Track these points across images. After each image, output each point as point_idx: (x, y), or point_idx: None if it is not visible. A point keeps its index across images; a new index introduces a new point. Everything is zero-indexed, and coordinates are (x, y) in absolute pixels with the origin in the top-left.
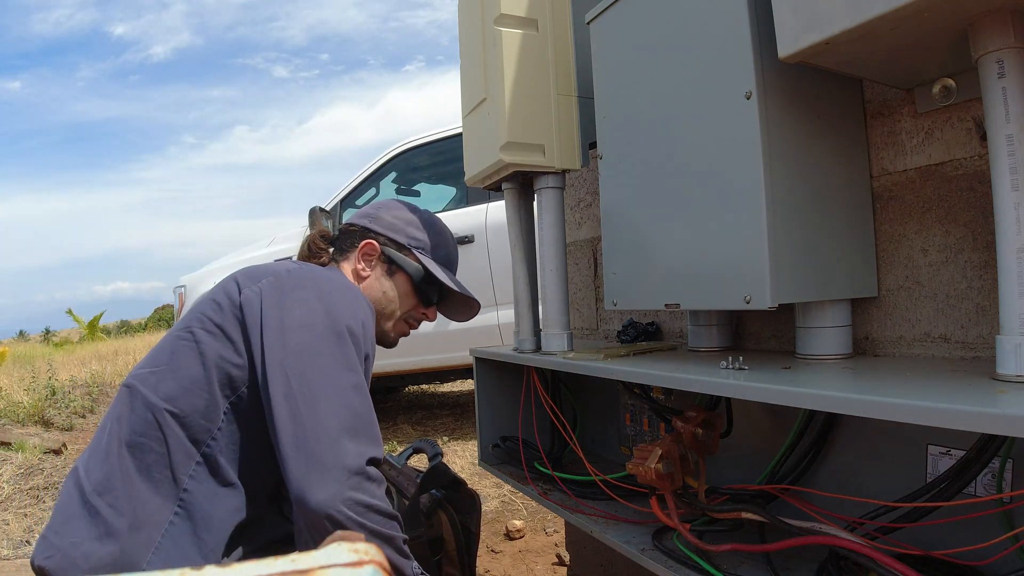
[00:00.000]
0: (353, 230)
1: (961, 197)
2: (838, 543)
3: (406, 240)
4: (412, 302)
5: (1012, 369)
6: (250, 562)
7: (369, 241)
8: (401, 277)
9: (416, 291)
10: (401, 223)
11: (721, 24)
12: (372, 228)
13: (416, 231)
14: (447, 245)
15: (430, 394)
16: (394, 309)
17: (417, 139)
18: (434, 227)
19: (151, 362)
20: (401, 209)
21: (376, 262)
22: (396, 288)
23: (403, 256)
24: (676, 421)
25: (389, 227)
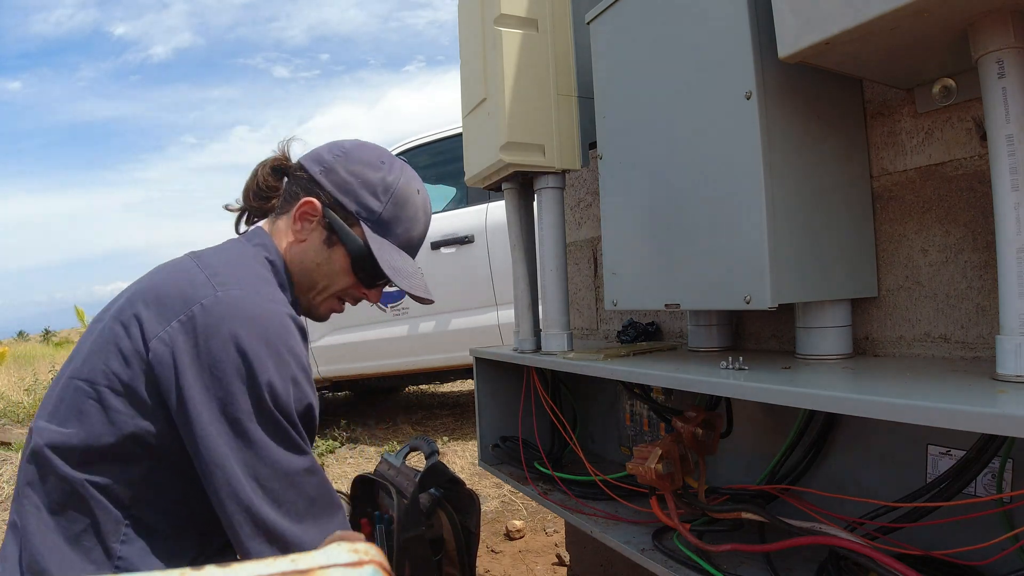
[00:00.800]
0: (301, 176)
1: (961, 197)
2: (838, 543)
3: (355, 207)
4: (349, 281)
5: (1012, 369)
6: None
7: (310, 200)
8: (340, 252)
9: (355, 271)
10: (356, 183)
11: (721, 24)
12: (320, 182)
13: (371, 198)
14: (410, 222)
15: (430, 394)
16: (326, 285)
17: (417, 139)
18: (399, 196)
19: (57, 418)
20: (366, 162)
21: (316, 226)
22: (332, 263)
23: (346, 228)
24: (676, 421)
25: (340, 185)
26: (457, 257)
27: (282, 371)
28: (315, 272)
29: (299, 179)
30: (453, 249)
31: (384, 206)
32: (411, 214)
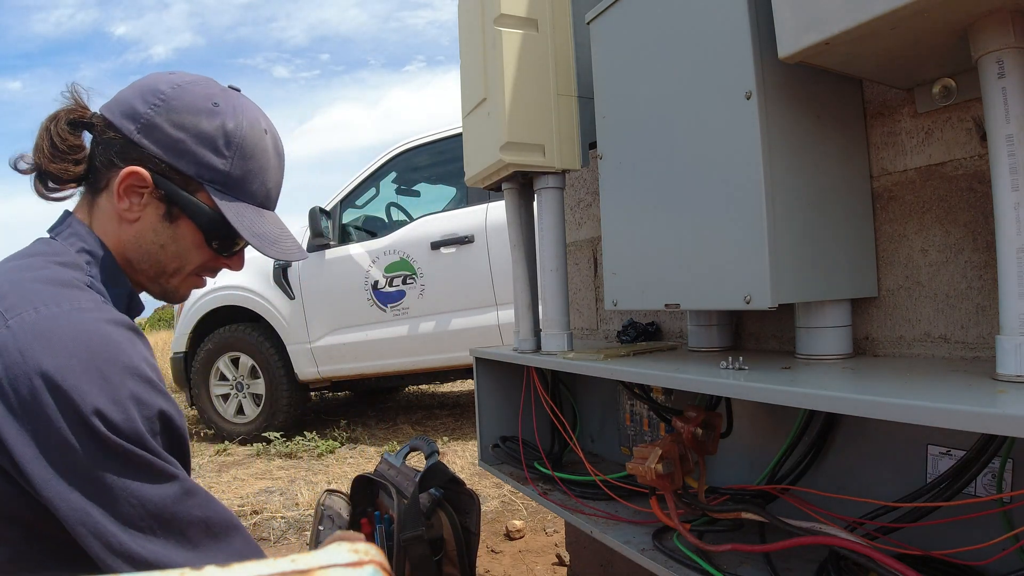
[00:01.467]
0: (112, 137)
1: (961, 197)
2: (838, 543)
3: (194, 169)
4: (205, 255)
5: (1012, 369)
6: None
7: (133, 170)
8: (186, 226)
9: (209, 243)
10: (189, 139)
11: (721, 24)
12: (141, 143)
13: (211, 155)
14: (264, 172)
15: (430, 394)
16: (178, 267)
17: (417, 139)
18: (246, 145)
19: None
20: (195, 109)
21: (149, 200)
22: (179, 241)
23: (189, 197)
24: (676, 421)
25: (169, 145)
26: (457, 257)
27: (111, 392)
28: (160, 254)
29: (110, 141)
30: (453, 249)
31: (230, 162)
32: (263, 163)
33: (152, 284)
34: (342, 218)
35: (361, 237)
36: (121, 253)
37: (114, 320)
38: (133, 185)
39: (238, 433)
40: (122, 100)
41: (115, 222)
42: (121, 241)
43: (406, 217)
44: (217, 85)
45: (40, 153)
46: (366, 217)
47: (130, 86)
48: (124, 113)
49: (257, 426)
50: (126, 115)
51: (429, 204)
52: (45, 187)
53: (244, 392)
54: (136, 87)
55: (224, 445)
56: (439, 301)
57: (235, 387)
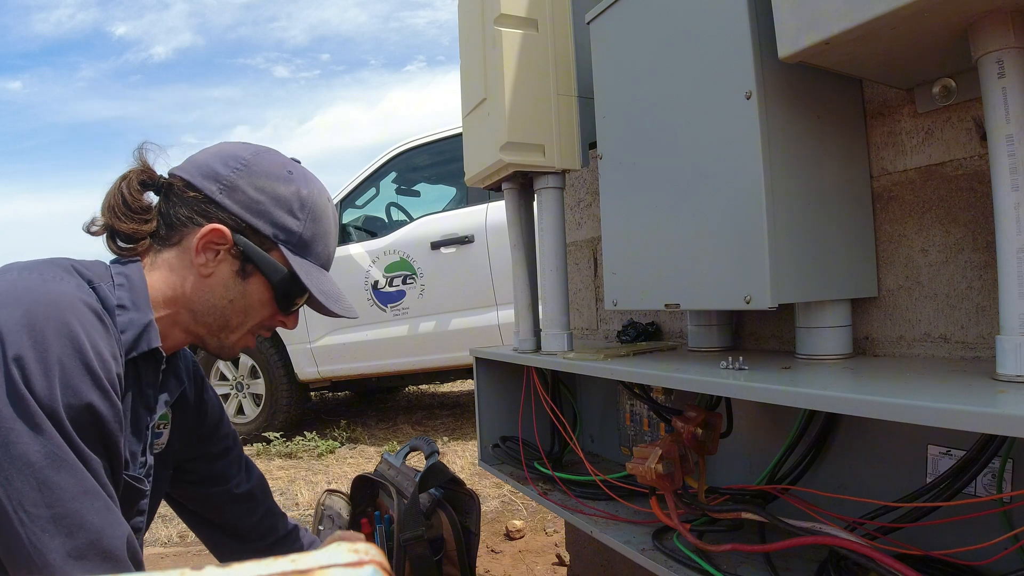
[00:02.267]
0: (193, 196)
1: (961, 197)
2: (838, 543)
3: (271, 231)
4: (268, 312)
5: (1012, 369)
6: (250, 562)
7: (217, 228)
8: (258, 283)
9: (277, 299)
10: (268, 201)
11: (721, 24)
12: (222, 203)
13: (288, 216)
14: (327, 236)
15: (430, 394)
16: (241, 322)
17: (417, 139)
18: (316, 210)
19: None
20: (273, 175)
21: (224, 256)
22: (248, 296)
23: (265, 256)
24: (676, 421)
25: (249, 206)
26: (457, 257)
27: (40, 351)
28: (227, 309)
29: (187, 199)
30: (453, 249)
31: (303, 224)
32: (327, 228)
33: (211, 337)
34: (342, 218)
35: (361, 237)
36: (185, 305)
37: (86, 302)
38: (212, 241)
39: (238, 433)
40: (201, 163)
41: (182, 275)
42: (187, 294)
43: (406, 217)
44: (285, 156)
45: (111, 213)
46: (366, 217)
47: (203, 152)
48: (205, 175)
49: (257, 426)
50: (207, 176)
51: (429, 204)
52: (115, 245)
53: (244, 392)
54: (213, 153)
55: None
56: (439, 301)
57: (235, 387)
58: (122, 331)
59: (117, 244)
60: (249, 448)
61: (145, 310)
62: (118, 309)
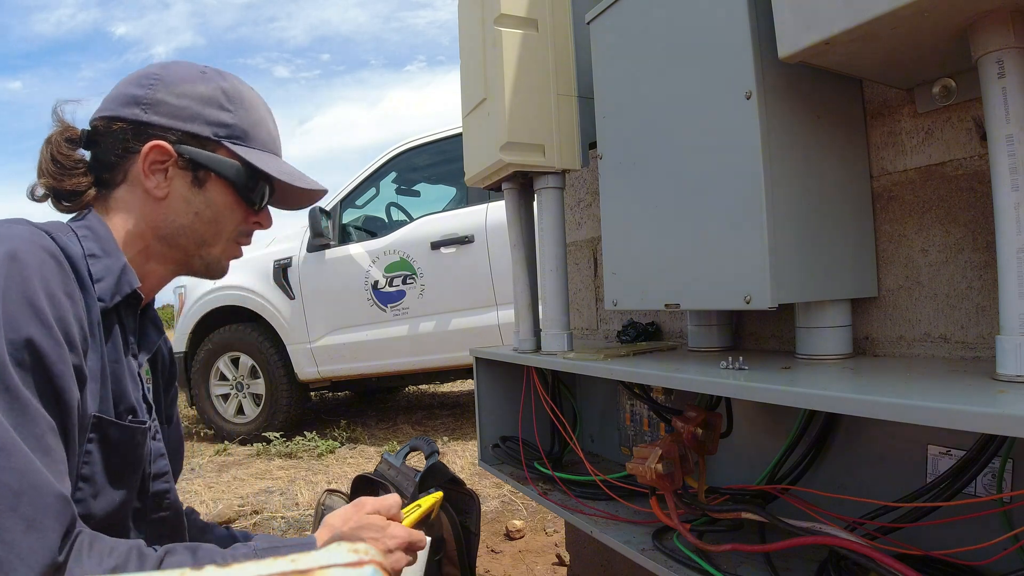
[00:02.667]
0: (120, 128)
1: (961, 197)
2: (838, 543)
3: (209, 130)
4: (240, 213)
5: (1012, 369)
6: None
7: (155, 144)
8: (216, 185)
9: (242, 197)
10: (194, 103)
11: (721, 24)
12: (152, 122)
13: (218, 111)
14: (264, 121)
15: (430, 394)
16: (218, 231)
17: (417, 139)
18: (243, 99)
19: None
20: (189, 78)
21: (173, 172)
22: (213, 203)
23: (212, 154)
24: (676, 421)
25: (179, 114)
26: (457, 257)
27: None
28: (196, 223)
29: (116, 134)
30: (453, 249)
31: (236, 114)
32: (262, 114)
33: (194, 259)
34: (342, 218)
35: (361, 237)
36: (154, 234)
37: (39, 243)
38: (156, 161)
39: (238, 433)
40: (116, 95)
41: (140, 207)
42: (150, 224)
43: (406, 217)
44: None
45: (49, 177)
46: (366, 217)
47: (117, 84)
48: (124, 103)
49: (257, 426)
50: (127, 103)
51: (429, 204)
52: (62, 205)
53: (244, 392)
54: (125, 81)
55: (224, 445)
56: (439, 301)
57: (235, 387)
58: (98, 279)
59: (63, 204)
60: (249, 448)
61: (116, 254)
62: (89, 259)
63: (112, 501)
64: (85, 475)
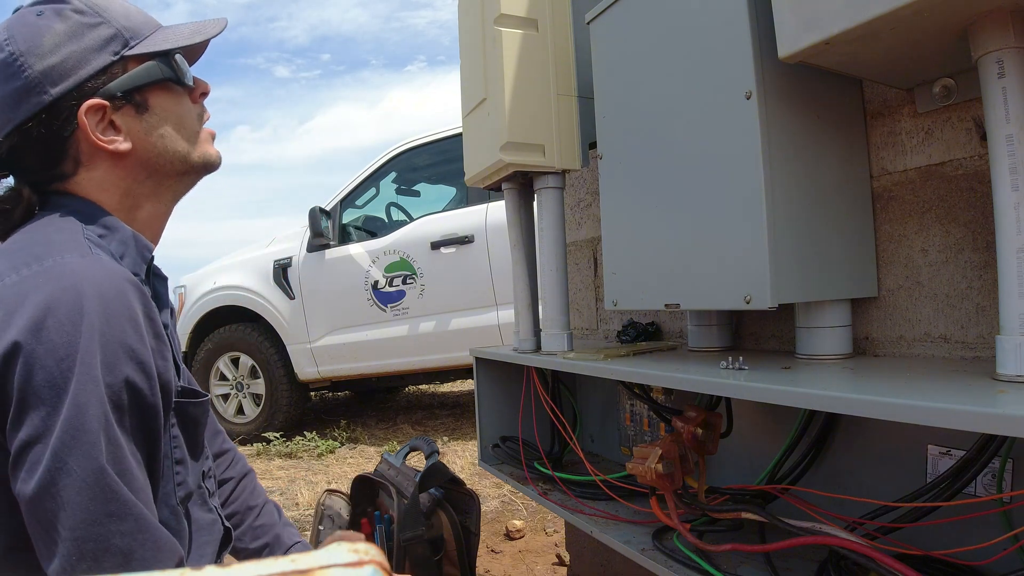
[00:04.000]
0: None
1: (961, 197)
2: (838, 543)
3: (105, 57)
4: (186, 99)
5: (1012, 369)
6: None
7: (85, 107)
8: (153, 95)
9: (177, 85)
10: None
11: (721, 24)
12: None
13: (92, 33)
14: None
15: (430, 394)
16: (188, 131)
17: (417, 139)
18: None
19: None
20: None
21: (117, 117)
22: (164, 112)
23: (132, 75)
24: (676, 421)
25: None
26: (457, 257)
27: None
28: (167, 143)
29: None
30: (453, 249)
31: (109, 24)
32: (123, 5)
33: (188, 174)
34: (342, 218)
35: (361, 237)
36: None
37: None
38: (99, 120)
39: (238, 433)
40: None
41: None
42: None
43: (406, 217)
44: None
45: None
46: (366, 217)
47: None
48: (13, 105)
49: (257, 426)
50: (17, 102)
51: (429, 204)
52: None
53: (244, 392)
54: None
55: None
56: (439, 301)
57: (235, 387)
58: (121, 257)
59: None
60: (249, 448)
61: (119, 227)
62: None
63: (198, 473)
64: (179, 458)
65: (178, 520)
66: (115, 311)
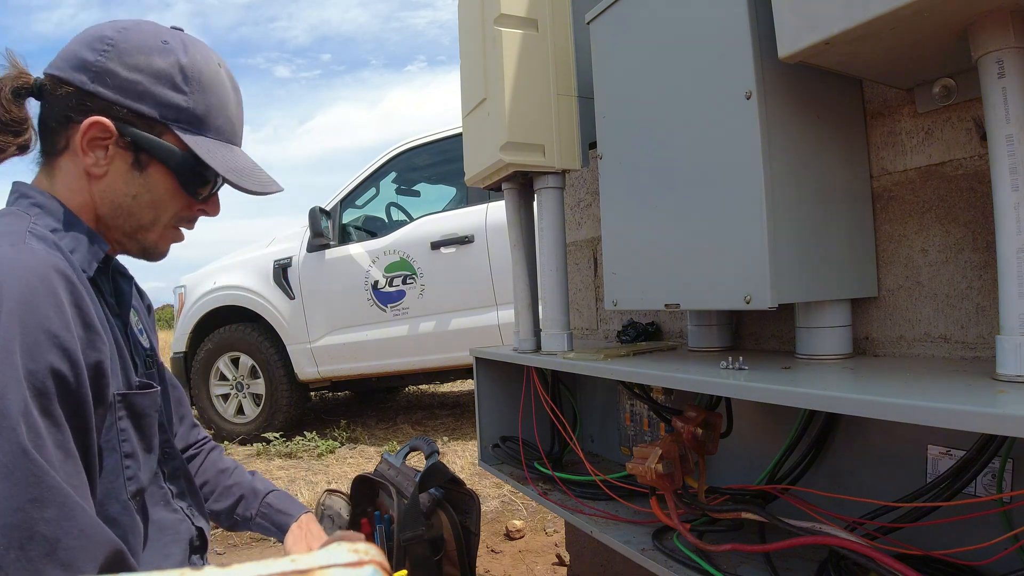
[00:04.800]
0: (65, 92)
1: (961, 197)
2: (838, 543)
3: (157, 111)
4: (180, 202)
5: (1012, 369)
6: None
7: (95, 120)
8: (158, 170)
9: (185, 187)
10: (146, 79)
11: (721, 24)
12: (97, 92)
13: (171, 92)
14: (225, 106)
15: (430, 394)
16: (154, 218)
17: (417, 139)
18: (203, 78)
19: None
20: (146, 48)
21: (114, 151)
22: (152, 189)
23: (156, 140)
24: (676, 421)
25: (127, 88)
26: (457, 257)
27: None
28: (133, 207)
29: (61, 98)
30: (453, 249)
31: (191, 97)
32: (223, 96)
33: (130, 241)
34: (342, 218)
35: (361, 237)
36: (92, 212)
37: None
38: (96, 137)
39: (238, 433)
40: (68, 54)
41: (82, 180)
42: (90, 199)
43: (406, 217)
44: (161, 25)
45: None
46: (366, 217)
47: (72, 40)
48: (73, 66)
49: (257, 426)
50: (76, 67)
51: (429, 204)
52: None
53: (244, 392)
54: (80, 39)
55: (224, 445)
56: (439, 301)
57: (235, 387)
58: (71, 251)
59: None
60: (249, 448)
61: (77, 223)
62: (54, 234)
63: (151, 467)
64: (128, 452)
65: (130, 515)
66: (38, 299)
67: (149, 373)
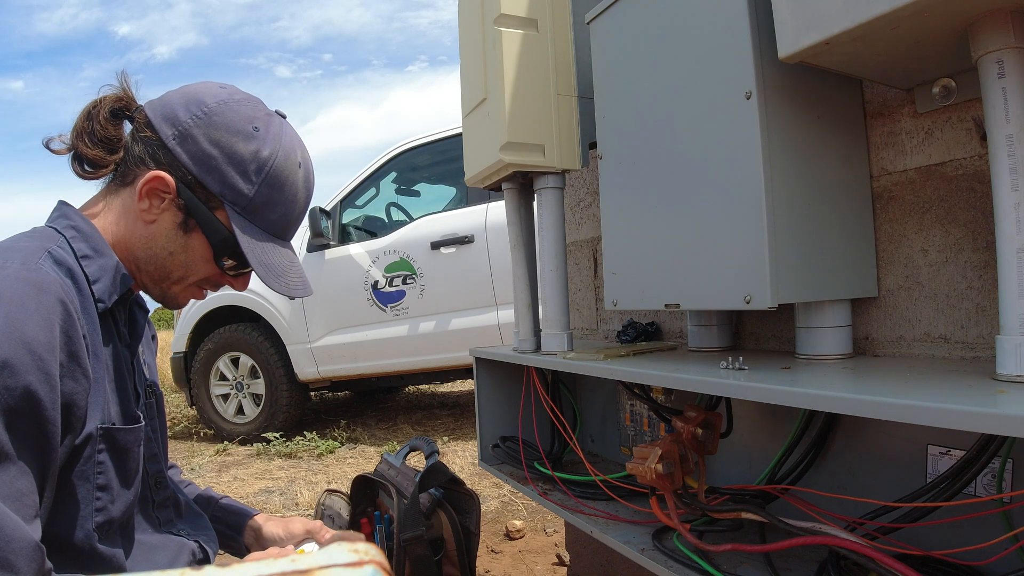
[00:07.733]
0: (148, 136)
1: (961, 197)
2: (838, 543)
3: (219, 188)
4: (210, 270)
5: (1012, 369)
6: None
7: (160, 174)
8: (199, 239)
9: (218, 261)
10: (221, 157)
11: (721, 24)
12: (174, 151)
13: (239, 178)
14: (287, 204)
15: (430, 394)
16: (182, 275)
17: (417, 139)
18: (275, 175)
19: None
20: (234, 129)
21: (168, 206)
22: (189, 252)
23: (207, 213)
24: (676, 421)
25: (200, 159)
26: (457, 257)
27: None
28: (168, 261)
29: (144, 139)
30: (453, 249)
31: (256, 188)
32: (289, 195)
33: (154, 286)
34: (342, 218)
35: (361, 237)
36: (129, 250)
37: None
38: (156, 188)
39: (238, 433)
40: (167, 103)
41: (130, 218)
42: (132, 239)
43: (406, 217)
44: (263, 108)
45: (79, 136)
46: (366, 217)
47: (179, 89)
48: (165, 117)
49: (257, 426)
50: (167, 119)
51: (429, 204)
52: (82, 169)
53: (244, 392)
54: (183, 93)
55: (224, 445)
56: (439, 301)
57: (235, 387)
58: (95, 280)
59: (83, 168)
60: (249, 448)
61: (108, 253)
62: (82, 260)
63: (127, 500)
64: (102, 484)
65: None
66: (29, 316)
67: (148, 403)
